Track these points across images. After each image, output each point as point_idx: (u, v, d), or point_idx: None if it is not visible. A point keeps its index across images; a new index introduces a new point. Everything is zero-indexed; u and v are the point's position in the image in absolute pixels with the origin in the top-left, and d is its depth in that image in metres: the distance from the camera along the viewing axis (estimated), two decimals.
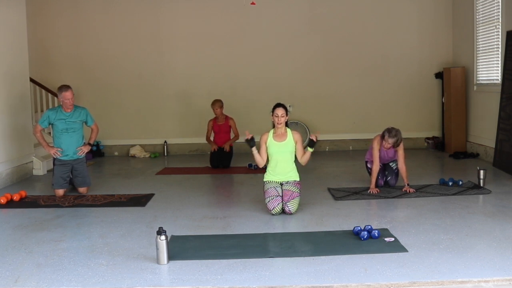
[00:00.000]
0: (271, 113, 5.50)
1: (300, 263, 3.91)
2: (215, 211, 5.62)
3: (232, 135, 8.52)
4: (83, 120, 6.56)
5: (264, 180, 5.44)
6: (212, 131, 8.47)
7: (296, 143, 5.44)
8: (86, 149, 6.56)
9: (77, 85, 9.67)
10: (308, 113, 9.82)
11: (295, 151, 5.46)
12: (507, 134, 7.36)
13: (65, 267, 3.94)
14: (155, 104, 9.90)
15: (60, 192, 6.38)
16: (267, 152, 5.44)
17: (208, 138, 8.50)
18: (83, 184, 6.50)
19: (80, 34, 9.82)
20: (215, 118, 8.43)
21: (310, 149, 5.45)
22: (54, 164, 6.60)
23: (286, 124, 5.52)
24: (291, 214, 5.23)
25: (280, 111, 5.40)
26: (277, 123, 5.41)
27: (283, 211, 5.25)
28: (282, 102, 5.63)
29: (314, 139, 5.46)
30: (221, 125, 8.40)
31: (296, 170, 5.47)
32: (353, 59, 9.80)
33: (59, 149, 6.41)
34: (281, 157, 5.37)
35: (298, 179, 5.41)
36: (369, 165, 6.56)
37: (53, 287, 3.60)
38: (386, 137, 6.06)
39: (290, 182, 5.35)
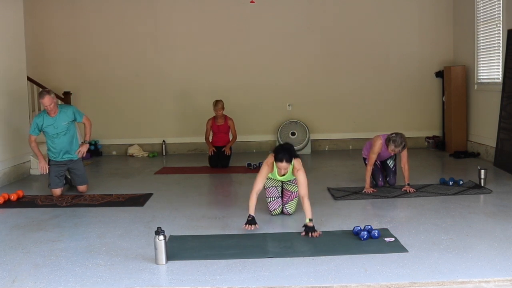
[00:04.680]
0: (272, 154, 5.00)
1: (300, 263, 3.88)
2: (214, 211, 5.59)
3: (230, 136, 8.46)
4: (72, 120, 6.41)
5: (269, 176, 5.24)
6: (211, 131, 8.43)
7: (295, 176, 5.02)
8: (85, 148, 6.50)
9: (74, 84, 9.69)
10: (308, 112, 9.79)
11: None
12: (508, 133, 7.33)
13: (63, 267, 3.92)
14: (153, 103, 9.86)
15: (57, 191, 6.34)
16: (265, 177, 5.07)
17: (207, 138, 8.42)
18: (83, 182, 6.47)
19: (77, 33, 9.78)
20: (214, 117, 8.38)
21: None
22: (49, 164, 6.51)
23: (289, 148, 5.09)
24: (289, 215, 5.22)
25: (283, 165, 4.90)
26: (280, 175, 5.10)
27: (282, 212, 5.25)
28: (287, 146, 5.02)
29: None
30: (220, 125, 8.34)
31: None
32: (353, 58, 9.77)
33: (47, 166, 6.33)
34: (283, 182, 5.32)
35: None
36: (367, 162, 6.53)
37: None
38: (392, 147, 5.99)
39: (290, 181, 5.29)
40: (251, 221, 4.70)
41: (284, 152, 4.90)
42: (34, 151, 6.47)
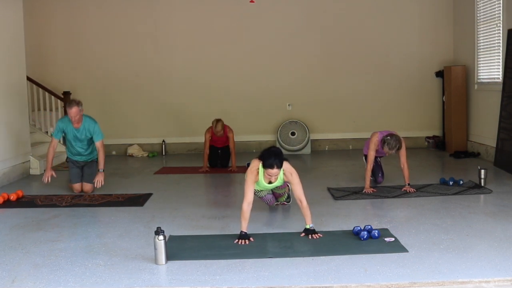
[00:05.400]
0: (256, 160, 4.62)
1: (300, 263, 3.88)
2: (213, 211, 5.59)
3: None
4: (90, 136, 6.40)
5: (256, 189, 4.94)
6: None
7: (289, 182, 4.74)
8: (101, 177, 6.32)
9: (74, 84, 9.68)
10: (308, 112, 9.78)
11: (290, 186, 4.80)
12: (508, 133, 7.32)
13: (63, 267, 3.91)
14: (153, 103, 9.85)
15: (78, 186, 6.46)
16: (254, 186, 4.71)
17: (205, 153, 7.89)
18: (90, 181, 6.46)
19: (77, 33, 9.78)
20: (213, 128, 7.92)
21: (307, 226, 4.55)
22: (67, 161, 6.63)
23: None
24: (287, 203, 5.43)
25: (274, 172, 4.51)
26: (267, 182, 4.74)
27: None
28: (278, 154, 4.53)
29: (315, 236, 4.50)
30: (220, 137, 7.98)
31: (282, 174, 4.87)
32: (353, 57, 9.76)
33: (53, 175, 6.30)
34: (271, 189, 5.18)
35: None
36: (367, 160, 6.55)
37: None
38: (386, 149, 5.99)
39: (279, 187, 5.11)
40: (244, 235, 4.40)
41: (274, 157, 4.47)
42: (47, 156, 6.39)
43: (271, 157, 4.48)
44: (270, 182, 4.74)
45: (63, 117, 6.39)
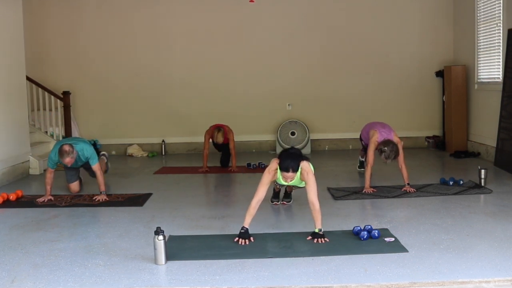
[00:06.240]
0: (276, 160, 4.59)
1: (299, 264, 3.88)
2: (213, 211, 5.59)
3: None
4: (86, 160, 6.20)
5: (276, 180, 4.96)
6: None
7: (304, 181, 4.66)
8: (103, 196, 6.09)
9: (73, 84, 9.68)
10: (307, 112, 9.78)
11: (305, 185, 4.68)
12: (509, 133, 7.32)
13: (62, 267, 3.91)
14: (153, 103, 9.84)
15: (75, 186, 6.42)
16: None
17: (205, 155, 7.80)
18: (93, 175, 6.38)
19: (77, 32, 9.77)
20: (213, 131, 7.84)
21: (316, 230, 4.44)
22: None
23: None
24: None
25: (290, 175, 4.48)
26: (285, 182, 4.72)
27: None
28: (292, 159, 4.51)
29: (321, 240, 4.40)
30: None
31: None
32: (353, 57, 9.76)
33: (51, 199, 6.02)
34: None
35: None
36: (363, 143, 6.74)
37: None
38: (382, 157, 6.01)
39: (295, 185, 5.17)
40: (244, 234, 4.35)
41: (290, 160, 4.44)
42: (46, 185, 6.09)
43: (288, 160, 4.46)
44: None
45: (54, 148, 6.06)
